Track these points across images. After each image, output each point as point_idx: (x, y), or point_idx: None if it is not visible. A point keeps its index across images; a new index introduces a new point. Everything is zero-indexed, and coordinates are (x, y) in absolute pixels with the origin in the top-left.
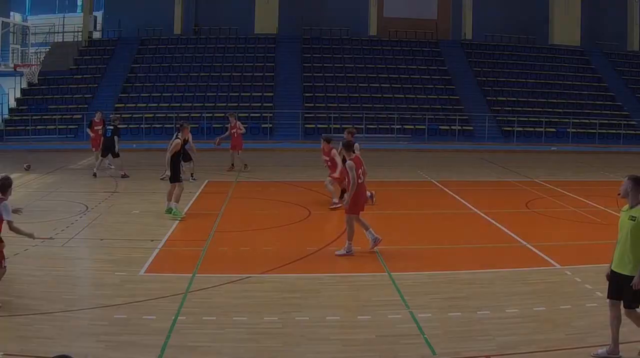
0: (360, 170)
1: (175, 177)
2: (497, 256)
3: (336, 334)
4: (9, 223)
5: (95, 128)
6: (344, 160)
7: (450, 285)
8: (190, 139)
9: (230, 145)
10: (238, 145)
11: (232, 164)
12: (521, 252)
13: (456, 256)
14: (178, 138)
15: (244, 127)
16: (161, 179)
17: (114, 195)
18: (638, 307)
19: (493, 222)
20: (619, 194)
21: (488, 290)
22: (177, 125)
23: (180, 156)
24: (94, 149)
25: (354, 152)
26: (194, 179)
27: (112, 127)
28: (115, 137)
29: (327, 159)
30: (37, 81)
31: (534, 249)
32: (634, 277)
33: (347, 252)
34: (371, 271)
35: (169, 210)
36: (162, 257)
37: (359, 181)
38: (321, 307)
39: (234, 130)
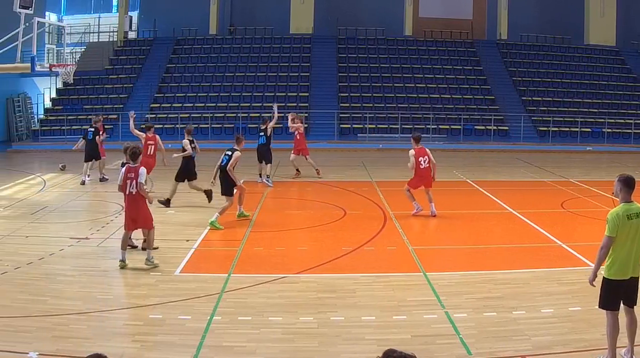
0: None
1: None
2: (532, 256)
3: (371, 334)
4: (141, 184)
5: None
6: None
7: (485, 285)
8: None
9: (294, 150)
10: (303, 149)
11: (298, 170)
12: (556, 251)
13: (491, 256)
14: (237, 150)
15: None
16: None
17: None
18: (605, 309)
19: (528, 221)
20: (613, 194)
21: (523, 290)
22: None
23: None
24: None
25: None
26: (268, 180)
27: (92, 129)
28: (98, 138)
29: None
30: (72, 81)
31: (569, 249)
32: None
33: (417, 210)
34: (406, 271)
35: (241, 214)
36: (198, 257)
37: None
38: (357, 307)
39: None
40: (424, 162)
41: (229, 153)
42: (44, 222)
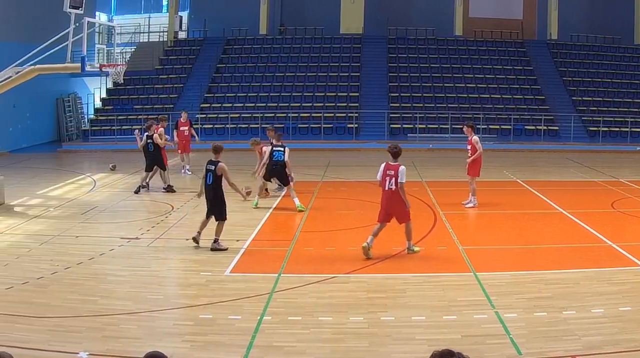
0: None
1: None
2: (582, 256)
3: (422, 334)
4: (402, 185)
5: (182, 128)
6: None
7: (535, 285)
8: None
9: None
10: None
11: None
12: (607, 251)
13: (541, 256)
14: (285, 145)
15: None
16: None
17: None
18: None
19: (578, 221)
20: None
21: (573, 290)
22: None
23: None
24: (179, 151)
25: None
26: None
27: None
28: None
29: None
30: (122, 81)
31: (619, 249)
32: None
33: (473, 205)
34: (457, 271)
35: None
36: (248, 257)
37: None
38: (407, 307)
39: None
40: None
41: (281, 149)
42: (94, 222)
